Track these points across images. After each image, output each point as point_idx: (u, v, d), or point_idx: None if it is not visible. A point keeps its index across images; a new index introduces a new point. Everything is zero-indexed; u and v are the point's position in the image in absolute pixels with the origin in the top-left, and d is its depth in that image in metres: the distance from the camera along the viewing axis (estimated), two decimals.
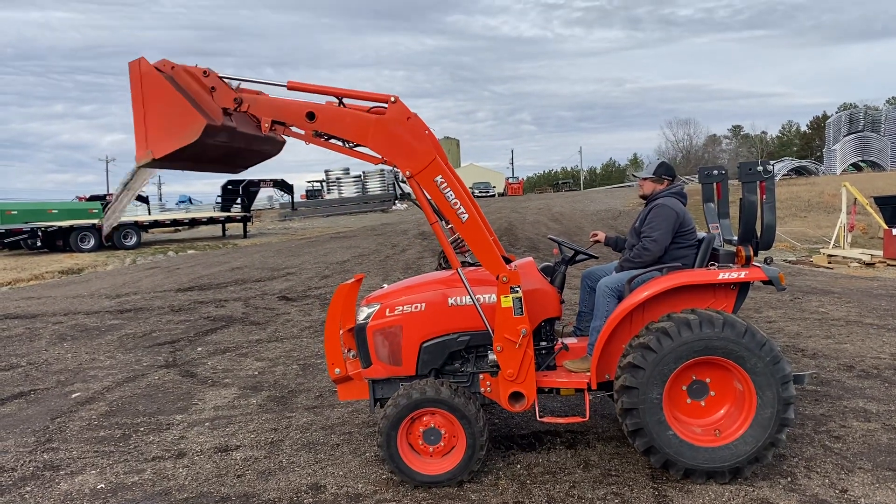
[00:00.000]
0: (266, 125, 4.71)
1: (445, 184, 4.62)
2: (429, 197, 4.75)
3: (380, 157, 4.71)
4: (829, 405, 6.00)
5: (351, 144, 4.80)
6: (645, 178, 5.40)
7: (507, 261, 5.23)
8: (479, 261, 4.74)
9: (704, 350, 4.46)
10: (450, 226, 4.94)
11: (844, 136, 54.64)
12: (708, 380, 4.64)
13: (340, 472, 5.02)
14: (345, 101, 4.87)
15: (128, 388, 7.50)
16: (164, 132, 4.58)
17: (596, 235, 5.70)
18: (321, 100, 4.96)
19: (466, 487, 4.67)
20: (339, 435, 5.78)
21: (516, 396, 4.76)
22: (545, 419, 5.03)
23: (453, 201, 4.63)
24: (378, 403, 5.14)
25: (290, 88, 4.81)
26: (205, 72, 4.68)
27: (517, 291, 4.63)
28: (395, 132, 4.61)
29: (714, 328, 4.44)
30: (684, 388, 4.66)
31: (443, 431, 4.71)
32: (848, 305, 10.61)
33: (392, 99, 4.64)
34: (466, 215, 4.64)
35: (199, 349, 9.31)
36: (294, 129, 4.82)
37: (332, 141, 4.85)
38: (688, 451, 4.50)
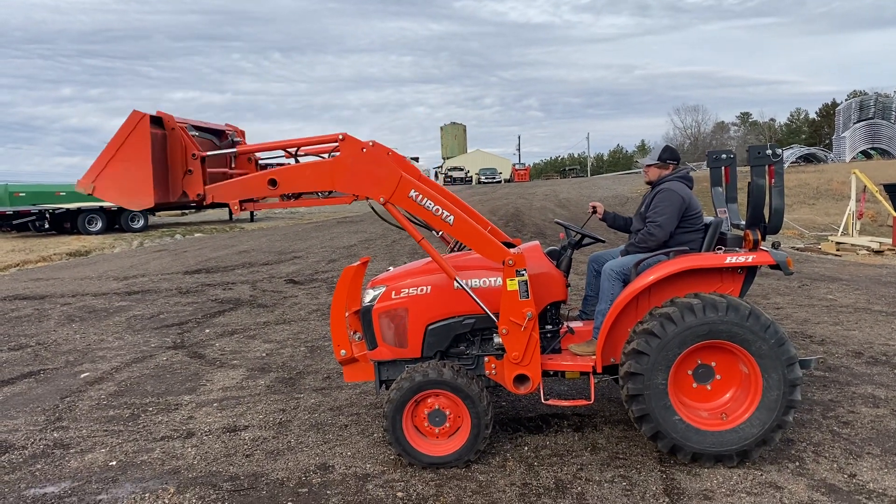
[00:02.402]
0: (235, 207, 4.72)
1: (421, 195, 4.62)
2: (410, 215, 4.76)
3: (351, 195, 4.72)
4: (837, 391, 6.00)
5: (324, 194, 4.82)
6: (650, 165, 5.37)
7: (511, 245, 5.24)
8: (480, 254, 4.75)
9: (709, 334, 4.46)
10: (440, 233, 4.96)
11: (854, 123, 54.19)
12: (713, 363, 4.64)
13: (348, 453, 5.05)
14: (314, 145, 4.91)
15: (136, 369, 7.55)
16: (114, 184, 4.59)
17: (595, 207, 5.65)
18: (273, 154, 5.10)
19: (474, 468, 4.69)
20: (346, 416, 5.82)
21: (521, 379, 4.77)
22: (550, 402, 5.03)
23: (434, 209, 4.63)
24: (384, 385, 5.16)
25: (240, 154, 4.92)
26: (194, 154, 4.66)
27: (523, 274, 4.63)
28: (355, 168, 4.60)
29: (718, 312, 4.43)
30: (690, 372, 4.66)
31: (447, 412, 4.74)
32: (856, 292, 10.57)
33: (340, 137, 4.64)
34: (452, 217, 4.63)
35: (207, 331, 9.36)
36: (265, 200, 4.86)
37: (304, 197, 4.90)
38: (694, 435, 4.51)
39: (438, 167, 74.85)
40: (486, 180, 59.51)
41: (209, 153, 4.78)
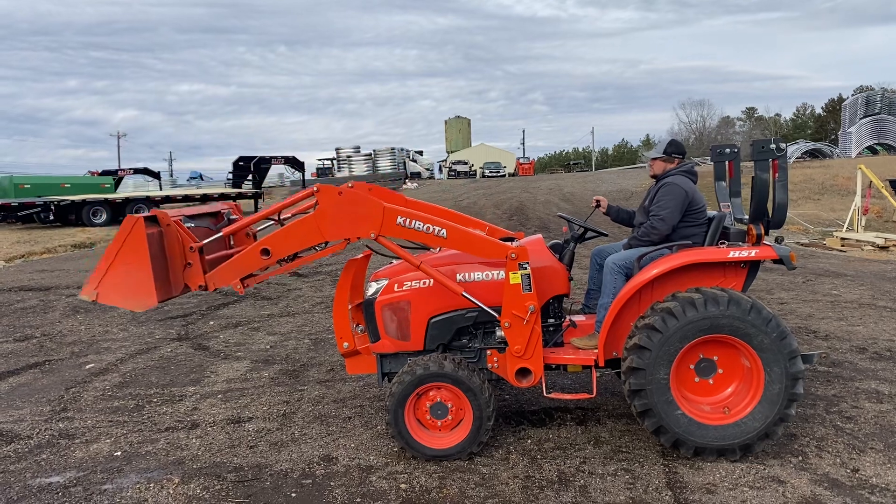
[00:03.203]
0: (238, 287, 4.79)
1: (408, 219, 4.65)
2: (402, 242, 4.80)
3: (344, 240, 4.78)
4: (841, 386, 6.00)
5: (320, 246, 4.87)
6: (655, 158, 5.36)
7: (512, 239, 5.25)
8: (482, 256, 4.78)
9: (710, 328, 4.46)
10: (439, 249, 5.00)
11: (860, 118, 53.88)
12: (715, 358, 4.64)
13: (352, 445, 5.07)
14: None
15: (141, 360, 7.58)
16: (116, 289, 4.65)
17: (598, 201, 5.64)
18: (259, 225, 5.25)
19: (477, 461, 4.71)
20: (350, 408, 5.84)
21: (523, 372, 4.78)
22: (552, 395, 5.05)
23: (425, 228, 4.65)
24: (386, 378, 5.18)
25: (225, 235, 5.02)
26: (191, 247, 4.72)
27: (526, 268, 4.63)
28: (338, 213, 4.64)
29: (719, 306, 4.43)
30: (692, 366, 4.66)
31: (449, 405, 4.75)
32: (861, 288, 10.55)
33: (315, 189, 4.70)
34: (444, 230, 4.65)
35: (212, 323, 9.39)
36: (266, 270, 4.94)
37: (302, 255, 4.97)
38: (697, 429, 4.52)
39: (442, 161, 74.75)
40: (490, 174, 59.27)
41: (206, 241, 4.85)
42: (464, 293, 4.75)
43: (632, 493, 4.23)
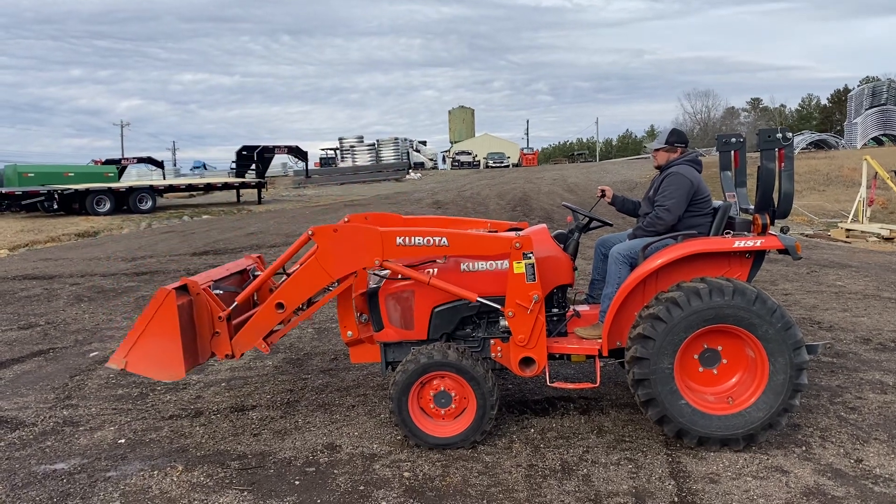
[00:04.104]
0: (263, 347, 4.85)
1: (406, 237, 4.66)
2: (407, 262, 4.83)
3: (352, 274, 4.81)
4: (844, 377, 5.99)
5: (333, 286, 4.89)
6: (658, 149, 5.33)
7: (517, 230, 5.24)
8: (488, 254, 4.80)
9: (715, 318, 4.45)
10: (444, 258, 5.01)
11: (866, 109, 53.56)
12: (720, 348, 4.63)
13: (355, 433, 5.08)
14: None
15: None
16: (146, 358, 4.70)
17: (603, 191, 5.62)
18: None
19: (480, 450, 4.71)
20: (354, 397, 5.84)
21: (527, 362, 4.78)
22: (556, 384, 5.05)
23: (426, 241, 4.65)
24: (390, 366, 5.18)
25: (239, 302, 5.00)
26: (220, 316, 4.77)
27: (530, 257, 4.62)
28: (339, 250, 4.67)
29: (724, 296, 4.41)
30: (696, 356, 4.65)
31: (453, 394, 4.75)
32: (865, 279, 10.52)
33: (310, 232, 4.73)
34: (444, 238, 4.66)
35: None
36: (286, 324, 5.01)
37: (316, 299, 5.04)
38: (701, 419, 4.51)
39: (446, 151, 74.65)
40: (493, 165, 59.28)
41: (231, 307, 4.88)
42: (479, 298, 4.75)
43: (635, 482, 4.23)
